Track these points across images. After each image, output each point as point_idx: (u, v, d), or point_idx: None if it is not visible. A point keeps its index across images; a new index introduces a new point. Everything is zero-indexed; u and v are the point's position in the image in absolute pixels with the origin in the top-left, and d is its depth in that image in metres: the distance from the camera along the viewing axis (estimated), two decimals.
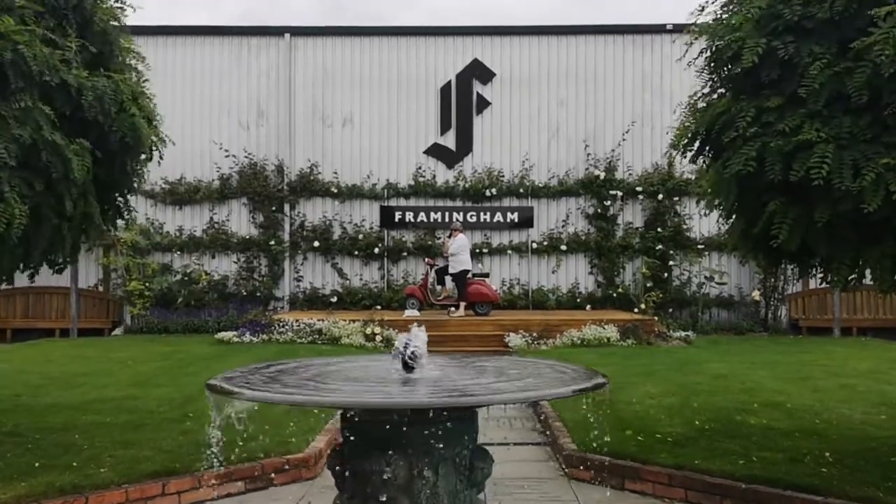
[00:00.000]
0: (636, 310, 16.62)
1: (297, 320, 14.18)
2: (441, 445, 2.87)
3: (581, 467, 6.04)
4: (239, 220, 17.86)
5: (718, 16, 5.24)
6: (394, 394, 3.08)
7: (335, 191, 17.73)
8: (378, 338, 13.28)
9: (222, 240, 17.64)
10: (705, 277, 17.19)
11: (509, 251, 17.73)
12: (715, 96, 5.49)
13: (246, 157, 17.80)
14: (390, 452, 2.77)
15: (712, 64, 5.34)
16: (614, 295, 17.38)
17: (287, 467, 5.92)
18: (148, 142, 6.14)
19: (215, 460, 4.90)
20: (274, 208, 17.74)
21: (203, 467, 5.21)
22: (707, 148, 5.52)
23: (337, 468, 2.87)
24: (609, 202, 17.63)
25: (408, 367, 3.13)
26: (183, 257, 17.67)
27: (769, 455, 5.70)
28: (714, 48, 5.09)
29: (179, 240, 17.65)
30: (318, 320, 14.03)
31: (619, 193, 17.59)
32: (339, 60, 18.11)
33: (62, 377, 9.69)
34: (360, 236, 17.64)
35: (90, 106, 5.32)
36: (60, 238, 5.59)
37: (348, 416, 3.01)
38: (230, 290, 17.48)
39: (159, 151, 6.52)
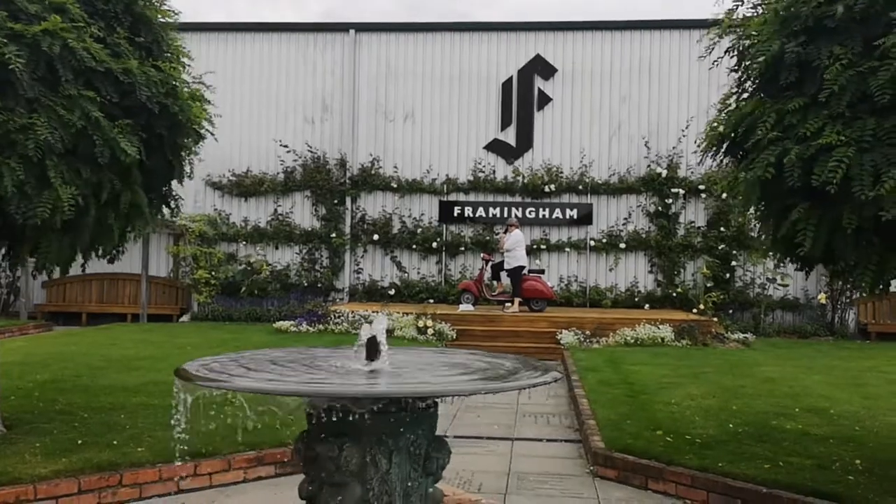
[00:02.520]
0: (695, 310, 16.35)
1: (352, 311, 14.47)
2: (393, 434, 2.95)
3: (607, 465, 6.06)
4: (302, 212, 18.30)
5: (745, 15, 5.16)
6: (336, 382, 3.16)
7: (395, 185, 17.99)
8: (430, 331, 13.43)
9: (285, 231, 18.11)
10: (767, 279, 16.78)
11: (567, 248, 17.65)
12: (745, 95, 5.41)
13: (309, 150, 18.22)
14: (343, 439, 2.87)
15: (743, 63, 5.27)
16: (674, 295, 17.13)
17: None
18: (198, 120, 6.37)
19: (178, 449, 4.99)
20: (336, 201, 18.10)
21: (227, 450, 5.43)
22: (736, 150, 5.45)
23: (301, 453, 3.01)
24: (671, 200, 17.36)
25: (370, 358, 3.25)
26: (248, 248, 18.21)
27: (797, 461, 5.61)
28: (740, 47, 5.03)
29: (245, 231, 18.21)
30: (373, 312, 14.26)
31: (682, 192, 17.31)
32: (402, 56, 18.34)
33: (123, 360, 10.18)
34: (419, 230, 17.86)
35: (140, 87, 5.50)
36: (107, 227, 5.84)
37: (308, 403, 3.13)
38: (292, 281, 17.94)
39: (209, 132, 6.70)
